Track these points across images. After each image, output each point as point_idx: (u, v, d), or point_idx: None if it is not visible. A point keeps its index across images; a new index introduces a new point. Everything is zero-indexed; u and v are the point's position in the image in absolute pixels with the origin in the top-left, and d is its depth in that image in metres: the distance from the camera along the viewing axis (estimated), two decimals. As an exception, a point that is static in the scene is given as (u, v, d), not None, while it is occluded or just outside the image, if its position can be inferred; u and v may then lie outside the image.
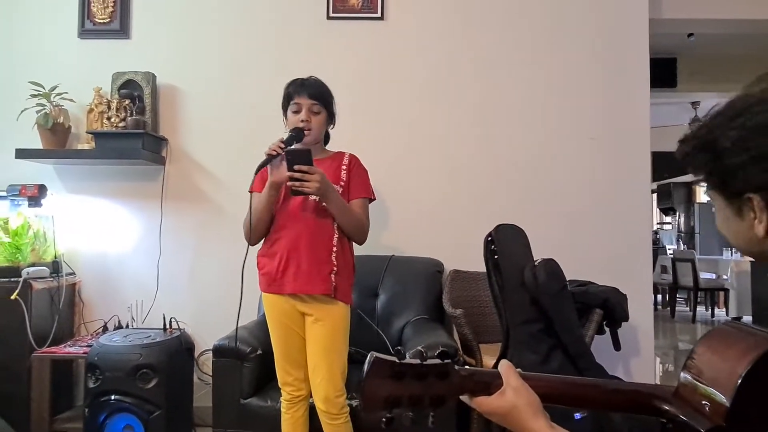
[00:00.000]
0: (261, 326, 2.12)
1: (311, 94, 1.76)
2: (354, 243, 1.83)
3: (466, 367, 0.72)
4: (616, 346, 2.21)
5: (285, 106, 1.82)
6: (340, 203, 1.72)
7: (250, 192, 1.77)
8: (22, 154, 2.53)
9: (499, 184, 2.69)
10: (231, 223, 2.70)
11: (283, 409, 1.78)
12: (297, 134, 1.72)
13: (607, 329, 2.23)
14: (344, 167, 1.81)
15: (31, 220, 2.48)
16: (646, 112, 2.68)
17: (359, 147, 1.98)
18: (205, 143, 2.75)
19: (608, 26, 2.70)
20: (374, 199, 1.88)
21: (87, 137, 2.63)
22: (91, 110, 2.65)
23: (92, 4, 2.75)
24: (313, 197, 1.69)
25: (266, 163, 1.65)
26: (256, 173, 1.69)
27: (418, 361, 0.67)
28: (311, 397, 1.76)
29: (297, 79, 1.81)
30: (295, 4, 2.74)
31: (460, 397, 0.71)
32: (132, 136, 2.53)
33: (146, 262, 2.71)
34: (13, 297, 2.28)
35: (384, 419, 0.66)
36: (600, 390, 0.76)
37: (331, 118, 1.84)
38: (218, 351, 1.94)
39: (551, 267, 1.83)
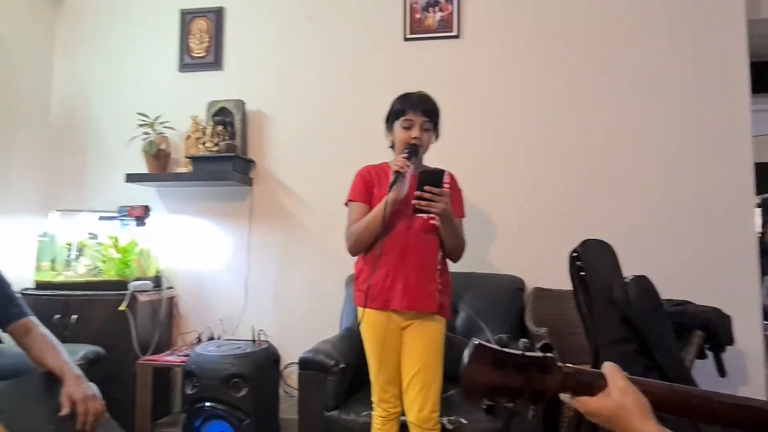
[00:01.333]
0: (344, 340, 2.17)
1: (425, 111, 1.77)
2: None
3: (569, 364, 0.70)
4: (721, 372, 2.03)
5: (392, 120, 1.83)
6: (455, 224, 1.74)
7: (347, 203, 1.83)
8: (130, 178, 2.80)
9: (584, 197, 2.59)
10: (314, 240, 2.82)
11: (376, 426, 1.78)
12: (414, 150, 1.74)
13: (709, 354, 2.05)
14: (446, 186, 1.79)
15: (137, 238, 2.72)
16: (746, 119, 2.48)
17: (440, 164, 2.00)
18: (289, 164, 2.89)
19: (702, 29, 2.54)
20: (465, 217, 1.90)
21: (185, 161, 2.86)
22: (188, 137, 2.88)
23: (190, 41, 3.00)
24: (425, 216, 1.71)
25: (396, 181, 1.68)
26: (390, 189, 1.69)
27: (520, 351, 0.66)
28: (403, 414, 1.76)
29: (409, 94, 1.82)
30: (374, 29, 2.84)
31: (560, 395, 0.69)
32: (224, 159, 2.72)
33: (235, 277, 2.88)
34: (122, 308, 2.49)
35: (484, 406, 0.66)
36: (716, 403, 0.71)
37: (436, 135, 1.87)
38: (304, 363, 2.00)
39: (644, 284, 1.74)
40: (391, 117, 1.84)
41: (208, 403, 1.97)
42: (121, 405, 2.36)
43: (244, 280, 2.85)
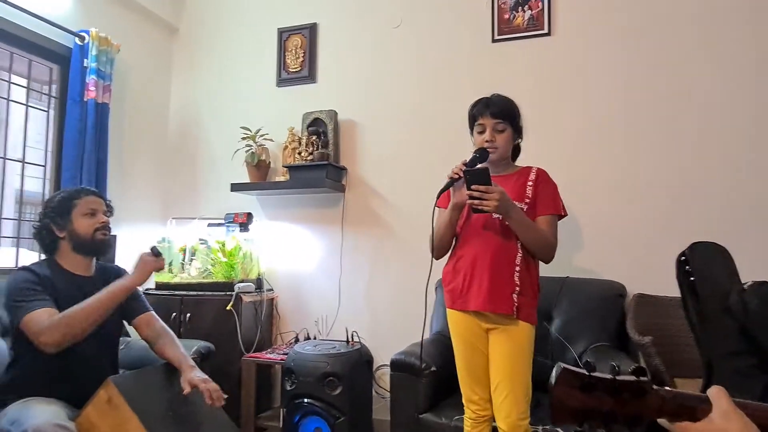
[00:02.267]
0: (435, 343, 2.19)
1: (494, 113, 1.76)
2: (540, 262, 1.79)
3: (667, 388, 0.67)
4: None
5: (471, 127, 1.85)
6: (523, 221, 1.69)
7: (436, 208, 1.83)
8: (234, 187, 3.03)
9: (691, 196, 2.40)
10: (404, 244, 2.87)
11: (467, 428, 1.78)
12: (481, 154, 1.74)
13: None
14: (530, 183, 1.78)
15: (241, 243, 2.93)
16: None
17: (535, 164, 1.95)
18: (379, 171, 2.97)
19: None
20: (565, 215, 1.82)
21: (282, 170, 3.04)
22: (285, 147, 3.06)
23: (287, 57, 3.19)
24: (496, 215, 1.70)
25: (448, 186, 1.70)
26: (438, 197, 1.74)
27: (610, 375, 0.64)
28: (494, 419, 1.74)
29: (480, 99, 1.83)
30: (461, 32, 2.84)
31: (658, 420, 0.66)
32: (317, 167, 2.85)
33: (329, 280, 3.00)
34: (228, 308, 2.70)
35: (575, 430, 0.64)
36: None
37: (517, 132, 1.84)
38: (395, 365, 2.04)
39: (765, 291, 1.57)
40: (470, 124, 1.86)
41: (306, 400, 2.07)
42: (228, 398, 2.55)
43: (338, 283, 2.97)
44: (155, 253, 1.72)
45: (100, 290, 1.89)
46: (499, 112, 1.77)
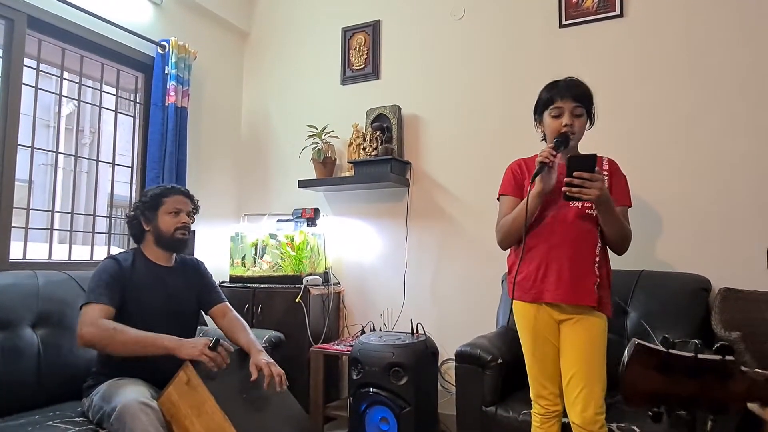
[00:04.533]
0: (501, 336, 2.14)
1: (575, 96, 1.69)
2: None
3: (758, 370, 0.60)
4: None
5: (540, 110, 1.77)
6: (614, 211, 1.62)
7: (499, 197, 1.82)
8: (302, 184, 3.12)
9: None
10: (469, 237, 2.84)
11: (535, 424, 1.73)
12: (564, 140, 1.66)
13: None
14: (605, 173, 1.71)
15: (309, 237, 3.02)
16: None
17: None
18: (443, 164, 2.95)
19: None
20: (631, 206, 1.75)
21: (348, 166, 3.10)
22: (350, 143, 3.11)
23: (351, 56, 3.25)
24: (575, 204, 1.64)
25: (540, 171, 1.63)
26: (531, 181, 1.67)
27: (691, 353, 0.58)
28: (565, 415, 1.68)
29: (557, 81, 1.75)
30: (525, 20, 2.77)
31: (749, 405, 0.60)
32: (382, 162, 2.88)
33: (395, 274, 3.02)
34: (297, 300, 2.79)
35: (651, 413, 0.59)
36: None
37: (591, 119, 1.77)
38: (460, 357, 2.02)
39: None
40: (540, 107, 1.78)
41: (372, 389, 2.10)
42: (297, 386, 2.63)
43: (403, 276, 2.98)
44: (212, 346, 1.75)
45: (177, 280, 2.02)
46: (580, 95, 1.70)
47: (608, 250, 1.72)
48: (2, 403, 1.73)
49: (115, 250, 2.90)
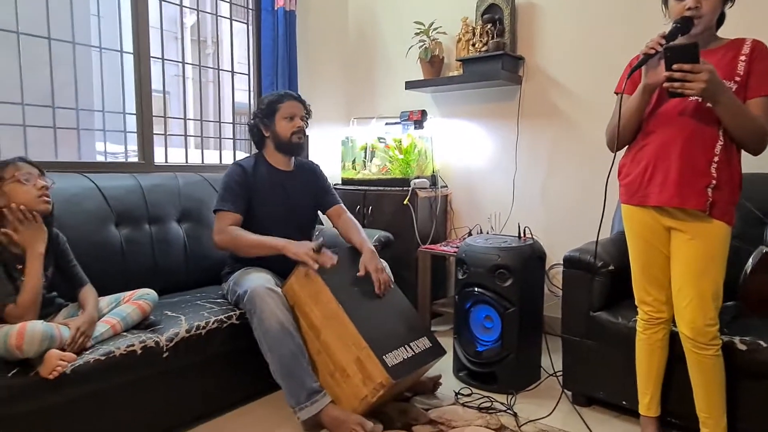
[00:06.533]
0: (615, 243, 2.05)
1: None
2: (747, 153, 1.51)
3: None
4: None
5: None
6: (733, 105, 1.41)
7: (617, 93, 1.65)
8: (409, 85, 3.06)
9: None
10: (584, 138, 2.65)
11: (639, 329, 1.70)
12: (684, 25, 1.45)
13: None
14: (743, 58, 1.47)
15: (416, 140, 3.01)
16: None
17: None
18: (560, 58, 2.71)
19: None
20: None
21: (456, 65, 2.96)
22: (459, 39, 2.95)
23: (460, -62, 2.97)
24: (694, 97, 1.45)
25: (642, 63, 1.47)
26: (629, 77, 1.54)
27: None
28: (673, 323, 1.62)
29: None
30: None
31: None
32: (492, 58, 2.71)
33: (504, 177, 2.95)
34: (405, 202, 2.87)
35: None
36: None
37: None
38: (568, 262, 1.98)
39: None
40: None
41: (476, 289, 2.15)
42: (406, 284, 2.78)
43: (512, 179, 2.90)
44: (316, 249, 1.88)
45: (296, 184, 2.17)
46: None
47: (738, 149, 1.51)
48: (161, 284, 2.06)
49: (241, 155, 3.15)
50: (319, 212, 2.32)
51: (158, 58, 2.68)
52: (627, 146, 1.67)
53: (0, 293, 1.45)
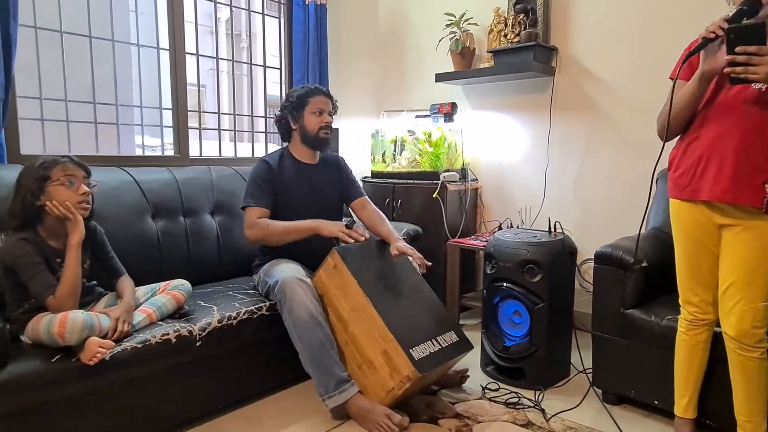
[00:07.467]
0: (649, 239, 2.00)
1: None
2: None
3: None
4: None
5: None
6: None
7: (672, 78, 1.54)
8: (439, 77, 3.04)
9: None
10: (620, 131, 2.58)
11: (681, 329, 1.64)
12: (750, 7, 1.33)
13: None
14: None
15: (446, 133, 2.99)
16: None
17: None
18: (595, 48, 2.63)
19: None
20: None
21: (487, 56, 2.92)
22: (490, 30, 2.90)
23: (492, -73, 2.92)
24: (757, 86, 1.37)
25: (700, 48, 1.38)
26: (684, 60, 1.46)
27: None
28: (717, 324, 1.56)
29: None
30: None
31: None
32: (524, 49, 2.66)
33: (535, 170, 2.90)
34: (434, 195, 2.86)
35: None
36: None
37: None
38: (600, 258, 1.94)
39: None
40: None
41: (505, 284, 2.14)
42: (435, 277, 2.78)
43: (544, 172, 2.85)
44: (348, 225, 1.95)
45: (321, 176, 2.19)
46: None
47: None
48: (195, 275, 2.12)
49: (272, 147, 3.20)
50: (345, 204, 2.34)
51: (193, 54, 2.74)
52: (678, 137, 1.59)
53: (41, 285, 1.52)
